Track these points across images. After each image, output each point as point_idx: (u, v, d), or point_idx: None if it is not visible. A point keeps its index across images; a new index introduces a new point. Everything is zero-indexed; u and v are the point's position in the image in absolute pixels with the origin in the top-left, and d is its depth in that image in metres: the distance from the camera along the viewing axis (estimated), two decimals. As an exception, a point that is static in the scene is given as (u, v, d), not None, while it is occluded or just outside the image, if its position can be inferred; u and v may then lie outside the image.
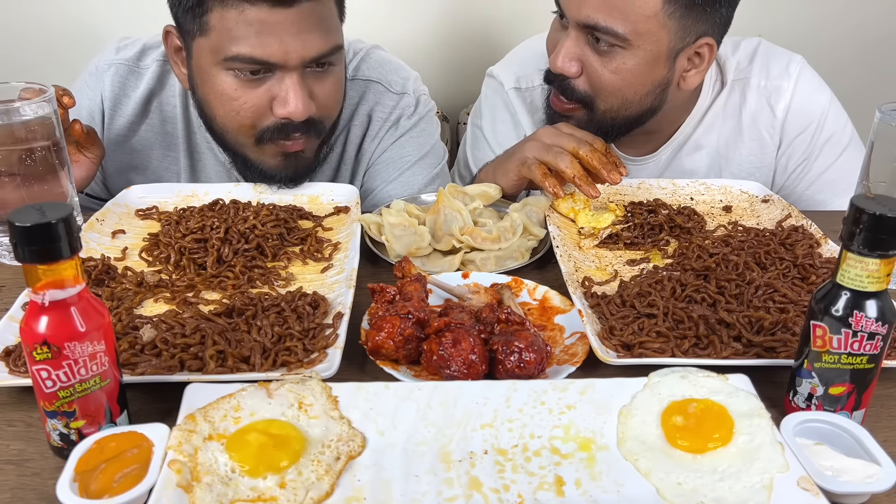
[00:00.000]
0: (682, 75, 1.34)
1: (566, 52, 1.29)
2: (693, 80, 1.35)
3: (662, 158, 1.53)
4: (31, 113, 1.04)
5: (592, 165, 1.21)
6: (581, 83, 1.31)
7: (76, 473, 0.67)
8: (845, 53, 2.25)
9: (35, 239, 0.64)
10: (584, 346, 0.90)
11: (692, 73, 1.34)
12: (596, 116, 1.34)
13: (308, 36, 1.17)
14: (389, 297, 0.94)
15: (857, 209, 0.69)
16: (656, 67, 1.28)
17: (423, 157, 1.50)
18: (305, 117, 1.21)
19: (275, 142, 1.25)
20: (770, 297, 0.98)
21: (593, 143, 1.23)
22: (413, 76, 1.52)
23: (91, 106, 1.42)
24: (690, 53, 1.30)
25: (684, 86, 1.35)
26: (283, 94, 1.19)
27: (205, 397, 0.76)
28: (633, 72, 1.27)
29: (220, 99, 1.22)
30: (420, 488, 0.69)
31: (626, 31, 1.23)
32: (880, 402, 0.84)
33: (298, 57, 1.17)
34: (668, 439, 0.74)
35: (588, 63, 1.29)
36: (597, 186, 1.21)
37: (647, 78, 1.29)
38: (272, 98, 1.21)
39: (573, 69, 1.29)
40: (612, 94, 1.30)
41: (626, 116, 1.34)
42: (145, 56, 1.43)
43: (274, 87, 1.20)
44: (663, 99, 1.35)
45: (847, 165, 1.48)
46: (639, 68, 1.27)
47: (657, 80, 1.30)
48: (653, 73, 1.29)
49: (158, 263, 1.10)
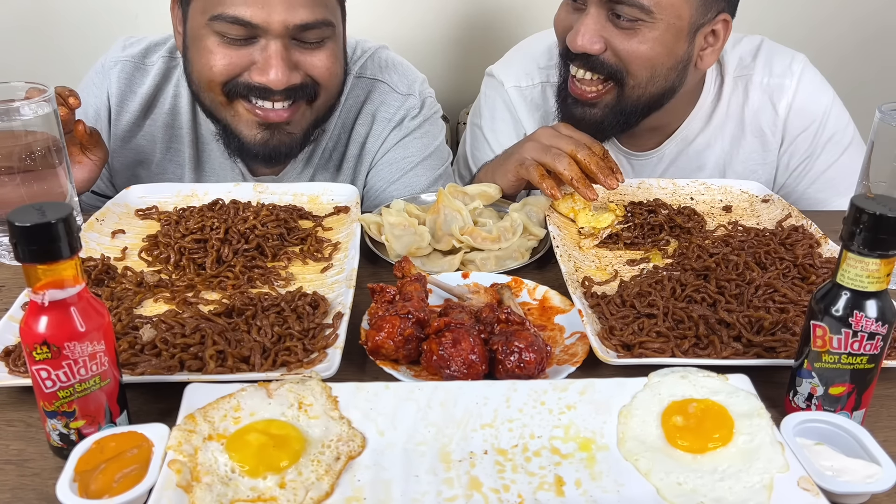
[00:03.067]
0: (700, 54, 1.36)
1: (587, 28, 1.29)
2: (709, 60, 1.37)
3: (666, 154, 1.53)
4: (31, 113, 1.04)
5: (589, 170, 1.21)
6: (609, 57, 1.31)
7: (76, 473, 0.67)
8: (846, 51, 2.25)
9: (35, 239, 0.64)
10: (584, 346, 0.90)
11: (708, 51, 1.36)
12: (625, 93, 1.34)
13: (294, 1, 1.18)
14: (389, 297, 0.94)
15: (857, 209, 0.69)
16: (678, 43, 1.30)
17: (426, 159, 1.50)
18: (284, 86, 1.22)
19: (249, 103, 1.26)
20: (770, 297, 0.98)
21: (591, 147, 1.23)
22: (420, 78, 1.52)
23: (98, 104, 1.43)
24: (707, 31, 1.33)
25: (701, 65, 1.37)
26: (264, 61, 1.21)
27: (205, 397, 0.76)
28: (660, 41, 1.28)
29: (199, 54, 1.25)
30: (420, 488, 0.69)
31: (650, 2, 1.24)
32: (880, 402, 0.84)
33: (281, 21, 1.18)
34: (669, 439, 0.74)
35: (612, 40, 1.29)
36: (595, 189, 1.21)
37: (672, 51, 1.31)
38: (251, 62, 1.22)
39: (596, 45, 1.29)
40: (642, 67, 1.31)
41: (652, 93, 1.35)
42: (151, 53, 1.45)
43: (255, 54, 1.22)
44: (683, 78, 1.37)
45: (848, 165, 1.48)
46: (663, 41, 1.29)
47: (679, 55, 1.32)
48: (675, 49, 1.31)
49: (158, 264, 1.10)
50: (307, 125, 1.33)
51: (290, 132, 1.31)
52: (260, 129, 1.29)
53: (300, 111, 1.29)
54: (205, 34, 1.22)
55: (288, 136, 1.31)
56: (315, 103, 1.31)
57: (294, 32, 1.21)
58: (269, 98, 1.25)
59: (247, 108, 1.27)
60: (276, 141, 1.30)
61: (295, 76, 1.23)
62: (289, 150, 1.34)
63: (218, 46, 1.22)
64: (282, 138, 1.31)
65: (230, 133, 1.31)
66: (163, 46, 1.45)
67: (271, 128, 1.29)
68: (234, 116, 1.29)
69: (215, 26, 1.20)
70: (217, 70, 1.23)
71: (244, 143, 1.31)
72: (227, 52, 1.22)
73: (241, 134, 1.30)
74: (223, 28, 1.19)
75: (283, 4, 1.17)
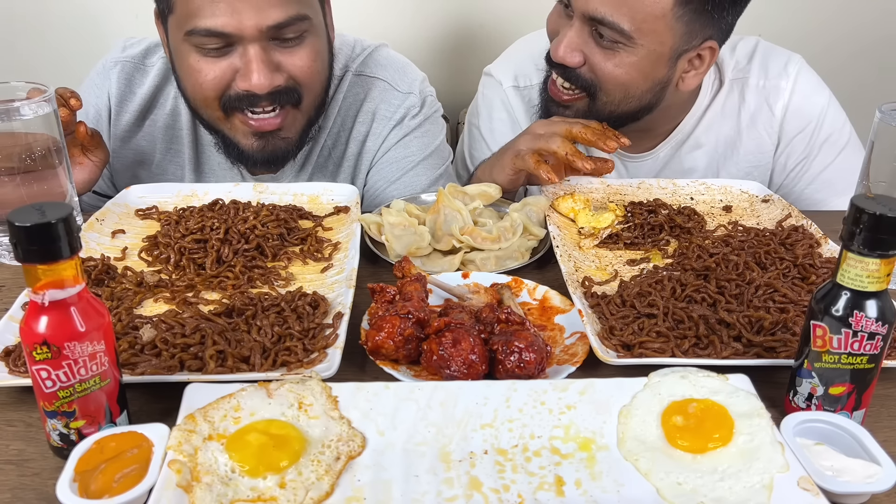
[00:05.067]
0: (682, 76, 1.34)
1: (569, 42, 1.29)
2: (691, 82, 1.36)
3: (661, 156, 1.53)
4: (31, 113, 1.04)
5: (587, 139, 1.22)
6: (585, 71, 1.31)
7: (76, 473, 0.67)
8: (844, 53, 2.25)
9: (35, 239, 0.64)
10: (584, 346, 0.90)
11: (691, 74, 1.34)
12: (596, 106, 1.34)
13: (263, 4, 1.17)
14: (389, 297, 0.94)
15: (857, 209, 0.69)
16: (658, 67, 1.29)
17: (427, 158, 1.49)
18: (268, 89, 1.22)
19: (243, 115, 1.26)
20: (770, 297, 0.98)
21: (588, 123, 1.25)
22: (421, 77, 1.52)
23: (98, 104, 1.43)
24: (692, 56, 1.31)
25: (682, 87, 1.36)
26: (245, 66, 1.21)
27: (205, 397, 0.76)
28: (637, 67, 1.28)
29: (186, 73, 1.25)
30: (420, 488, 0.69)
31: (631, 28, 1.23)
32: (880, 402, 0.84)
33: (254, 26, 1.17)
34: (669, 439, 0.74)
35: (590, 56, 1.29)
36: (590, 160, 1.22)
37: (649, 76, 1.30)
38: (235, 71, 1.22)
39: (575, 59, 1.29)
40: (616, 87, 1.31)
41: (624, 111, 1.35)
42: (151, 54, 1.45)
43: (236, 62, 1.22)
44: (661, 97, 1.36)
45: (845, 165, 1.48)
46: (641, 66, 1.28)
47: (658, 78, 1.31)
48: (654, 73, 1.30)
49: (158, 264, 1.10)
50: (300, 128, 1.33)
51: (283, 136, 1.31)
52: (255, 138, 1.30)
53: (289, 116, 1.30)
54: (185, 50, 1.23)
55: (283, 140, 1.32)
56: (302, 105, 1.31)
57: (270, 33, 1.20)
58: (258, 105, 1.25)
59: (241, 120, 1.28)
60: (272, 147, 1.31)
61: (277, 77, 1.23)
62: (286, 153, 1.34)
63: (200, 63, 1.22)
64: (277, 143, 1.31)
65: (229, 143, 1.33)
66: (162, 47, 1.44)
67: (266, 136, 1.29)
68: (230, 129, 1.30)
69: (192, 40, 1.20)
70: (207, 87, 1.24)
71: (243, 152, 1.32)
72: (211, 67, 1.22)
73: (238, 143, 1.31)
74: (200, 41, 1.19)
75: (253, 9, 1.17)
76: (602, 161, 1.25)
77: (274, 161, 1.34)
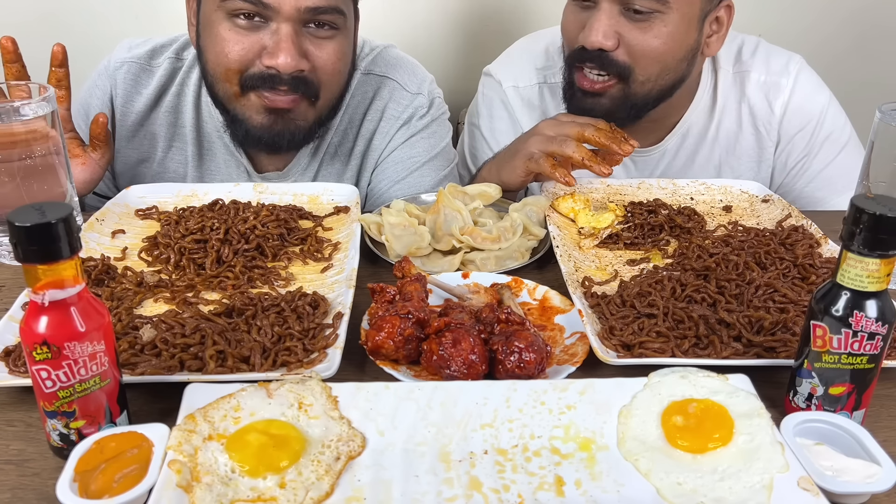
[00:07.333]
0: (706, 41, 1.37)
1: (601, 25, 1.29)
2: (715, 46, 1.39)
3: (668, 148, 1.54)
4: (31, 113, 1.04)
5: (601, 143, 1.23)
6: (620, 54, 1.32)
7: (76, 473, 0.67)
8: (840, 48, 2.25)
9: (35, 239, 0.64)
10: (584, 346, 0.90)
11: (714, 38, 1.38)
12: (631, 89, 1.35)
13: None
14: (389, 297, 0.94)
15: (857, 209, 0.69)
16: (690, 32, 1.31)
17: (432, 159, 1.50)
18: (292, 70, 1.23)
19: (259, 92, 1.27)
20: (770, 297, 0.98)
21: (596, 124, 1.25)
22: (429, 78, 1.53)
23: (101, 105, 1.43)
24: (713, 17, 1.34)
25: (707, 52, 1.39)
26: (274, 45, 1.22)
27: (205, 397, 0.76)
28: (673, 35, 1.30)
29: (213, 41, 1.25)
30: (420, 488, 0.69)
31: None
32: (880, 402, 0.84)
33: (293, 3, 1.18)
34: (668, 439, 0.74)
35: (625, 34, 1.30)
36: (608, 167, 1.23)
37: (683, 43, 1.32)
38: (262, 48, 1.23)
39: (611, 42, 1.30)
40: (654, 61, 1.32)
41: (661, 86, 1.36)
42: (157, 55, 1.45)
43: (266, 38, 1.22)
44: (692, 66, 1.38)
45: (846, 163, 1.49)
46: (677, 31, 1.30)
47: (690, 45, 1.34)
48: (687, 38, 1.32)
49: (158, 264, 1.10)
50: (312, 120, 1.33)
51: (293, 119, 1.31)
52: (266, 113, 1.29)
53: (303, 106, 1.30)
54: (217, 19, 1.23)
55: (292, 122, 1.31)
56: (317, 104, 1.31)
57: (306, 16, 1.21)
58: (276, 87, 1.26)
59: (257, 96, 1.28)
60: (281, 126, 1.31)
61: (303, 63, 1.24)
62: (291, 138, 1.34)
63: (230, 33, 1.23)
64: (286, 125, 1.31)
65: (237, 122, 1.32)
66: (168, 48, 1.45)
67: (277, 114, 1.29)
68: (243, 105, 1.30)
69: (228, 5, 1.21)
70: (232, 57, 1.24)
71: (250, 130, 1.32)
72: (240, 39, 1.23)
73: (248, 120, 1.30)
74: (236, 5, 1.20)
75: None
76: (611, 157, 1.26)
77: (279, 143, 1.33)
